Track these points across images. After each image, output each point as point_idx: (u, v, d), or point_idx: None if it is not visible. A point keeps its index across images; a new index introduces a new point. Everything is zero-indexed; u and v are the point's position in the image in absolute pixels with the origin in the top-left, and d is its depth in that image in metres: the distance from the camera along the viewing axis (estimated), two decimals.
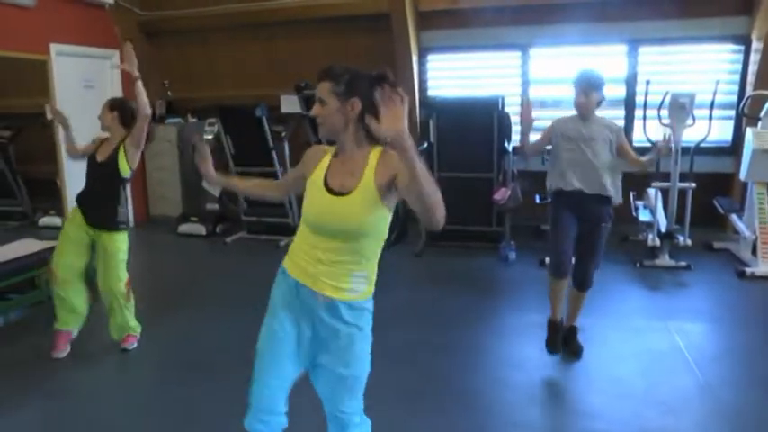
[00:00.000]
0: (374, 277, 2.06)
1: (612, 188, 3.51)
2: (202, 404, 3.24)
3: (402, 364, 3.51)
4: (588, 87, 3.46)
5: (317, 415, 2.15)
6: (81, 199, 3.83)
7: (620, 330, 4.05)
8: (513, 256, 5.69)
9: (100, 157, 3.75)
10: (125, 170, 3.73)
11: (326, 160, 2.03)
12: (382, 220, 1.96)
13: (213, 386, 3.40)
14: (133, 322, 3.99)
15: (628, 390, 3.26)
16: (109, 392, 3.49)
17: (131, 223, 3.83)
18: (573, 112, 3.60)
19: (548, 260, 5.25)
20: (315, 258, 1.98)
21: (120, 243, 3.81)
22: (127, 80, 7.47)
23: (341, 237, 1.93)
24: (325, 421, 2.15)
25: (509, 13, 6.43)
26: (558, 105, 6.23)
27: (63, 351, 3.87)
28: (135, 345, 3.96)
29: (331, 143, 2.06)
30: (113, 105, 3.85)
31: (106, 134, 3.84)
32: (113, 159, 3.70)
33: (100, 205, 3.77)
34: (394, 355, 3.48)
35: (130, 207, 3.90)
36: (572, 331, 3.72)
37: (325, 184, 1.98)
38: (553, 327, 3.65)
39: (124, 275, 3.87)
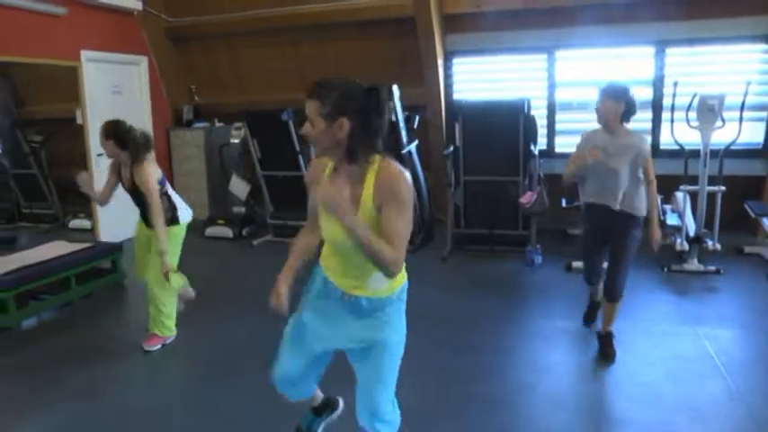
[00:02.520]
0: (400, 276, 2.10)
1: (639, 204, 3.52)
2: (228, 402, 3.28)
3: (427, 367, 3.53)
4: (605, 95, 3.44)
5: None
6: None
7: (648, 335, 4.01)
8: (539, 260, 5.66)
9: (125, 184, 3.90)
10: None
11: (326, 175, 2.06)
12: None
13: (239, 385, 3.45)
14: (168, 323, 4.05)
15: (656, 395, 3.23)
16: (138, 390, 3.55)
17: (182, 220, 3.99)
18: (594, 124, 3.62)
19: (575, 264, 5.28)
20: (338, 262, 2.09)
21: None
22: (155, 85, 7.64)
23: (355, 250, 1.92)
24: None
25: (534, 15, 6.39)
26: (584, 108, 6.17)
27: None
28: (157, 347, 4.01)
29: None
30: (108, 133, 3.82)
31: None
32: (135, 187, 3.84)
33: (146, 213, 3.90)
34: (419, 358, 3.47)
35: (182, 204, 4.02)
36: (606, 337, 3.70)
37: None
38: (590, 304, 4.12)
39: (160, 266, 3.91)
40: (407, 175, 1.92)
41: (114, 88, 7.09)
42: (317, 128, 1.91)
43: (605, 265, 3.74)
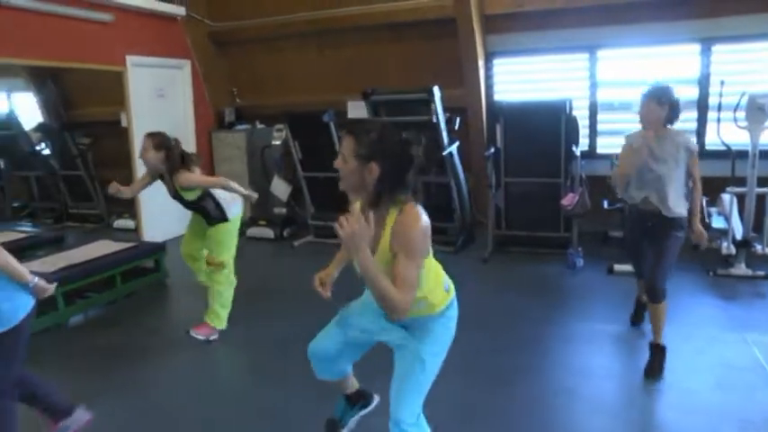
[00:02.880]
0: (435, 299, 2.14)
1: (682, 205, 3.45)
2: (268, 398, 3.34)
3: (466, 368, 3.50)
4: (648, 99, 3.37)
5: None
6: None
7: (694, 341, 3.91)
8: (580, 262, 5.58)
9: (170, 192, 4.07)
10: (189, 196, 4.01)
11: (358, 209, 2.08)
12: None
13: (281, 383, 3.49)
14: (222, 313, 4.17)
15: (702, 404, 3.14)
16: (180, 387, 3.62)
17: (231, 215, 4.16)
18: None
19: (617, 267, 5.18)
20: None
21: (214, 232, 4.15)
22: (198, 88, 7.78)
23: None
24: None
25: (576, 14, 6.29)
26: (627, 108, 6.05)
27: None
28: (201, 339, 4.08)
29: None
30: (160, 144, 3.95)
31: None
32: (178, 194, 4.01)
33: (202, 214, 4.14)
34: (458, 361, 3.44)
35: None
36: (657, 349, 3.50)
37: None
38: (637, 304, 4.12)
39: (218, 258, 4.15)
40: (424, 221, 1.94)
41: (158, 92, 7.24)
42: (349, 166, 1.94)
43: None
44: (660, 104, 3.33)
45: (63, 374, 3.74)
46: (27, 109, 9.32)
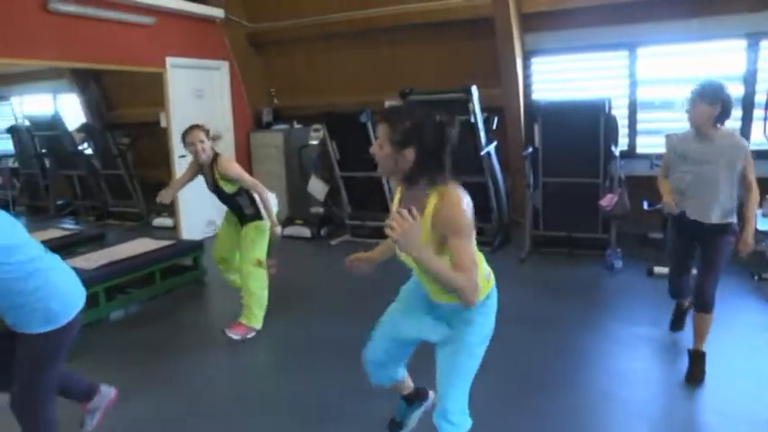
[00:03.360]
0: (484, 284, 2.15)
1: (733, 210, 3.28)
2: (302, 395, 3.36)
3: (503, 369, 3.46)
4: (697, 98, 3.18)
5: None
6: None
7: (738, 346, 3.82)
8: (619, 264, 5.48)
9: (210, 186, 4.14)
10: (230, 188, 4.08)
11: (397, 198, 2.17)
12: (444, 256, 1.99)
13: (317, 381, 3.51)
14: (257, 312, 4.21)
15: (747, 412, 3.05)
16: (217, 382, 3.67)
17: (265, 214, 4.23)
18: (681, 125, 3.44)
19: (657, 269, 5.06)
20: (419, 275, 2.18)
21: (248, 230, 4.21)
22: (236, 89, 7.88)
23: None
24: None
25: (615, 10, 6.17)
26: (668, 107, 5.92)
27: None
28: (237, 338, 4.13)
29: None
30: (207, 133, 4.13)
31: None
32: (217, 185, 4.08)
33: (233, 211, 4.25)
34: (494, 362, 3.41)
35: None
36: (697, 355, 3.40)
37: None
38: (676, 311, 3.96)
39: (251, 258, 4.19)
40: (466, 200, 1.95)
41: (197, 92, 7.35)
42: (384, 152, 1.99)
43: (694, 270, 3.55)
44: (711, 104, 3.14)
45: (105, 367, 3.84)
46: (71, 110, 9.59)
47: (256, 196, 4.15)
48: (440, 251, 1.94)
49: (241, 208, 4.18)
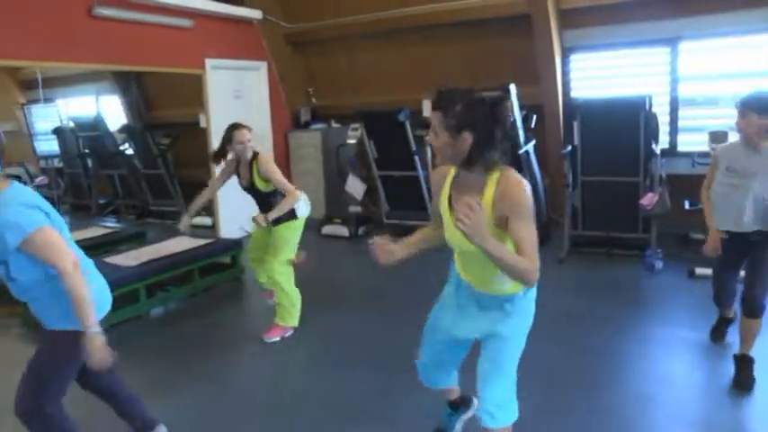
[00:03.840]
0: None
1: None
2: (343, 393, 3.37)
3: (542, 370, 3.43)
4: (747, 109, 3.07)
5: None
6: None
7: None
8: (659, 265, 5.37)
9: (244, 183, 4.17)
10: (267, 187, 4.10)
11: (448, 182, 2.13)
12: (508, 241, 1.97)
13: (355, 380, 3.52)
14: (293, 311, 4.24)
15: None
16: (255, 379, 3.72)
17: (300, 214, 4.22)
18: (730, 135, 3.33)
19: (699, 270, 4.94)
20: (463, 265, 2.21)
21: (282, 229, 4.18)
22: (274, 89, 7.96)
23: (477, 257, 1.98)
24: None
25: (656, 5, 6.04)
26: (713, 104, 5.77)
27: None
28: (276, 340, 4.16)
29: None
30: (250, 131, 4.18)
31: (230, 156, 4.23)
32: (253, 183, 4.11)
33: (265, 211, 4.16)
34: (531, 364, 3.37)
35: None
36: (744, 360, 3.30)
37: (450, 207, 2.08)
38: (719, 319, 3.79)
39: (282, 257, 4.19)
40: (526, 183, 1.96)
41: (235, 93, 7.44)
42: (441, 139, 1.97)
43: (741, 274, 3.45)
44: (762, 115, 3.02)
45: (145, 362, 3.92)
46: (112, 111, 9.81)
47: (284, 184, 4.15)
48: (498, 235, 1.93)
49: (272, 208, 4.15)
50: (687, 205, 5.39)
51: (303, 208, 4.21)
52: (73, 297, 2.15)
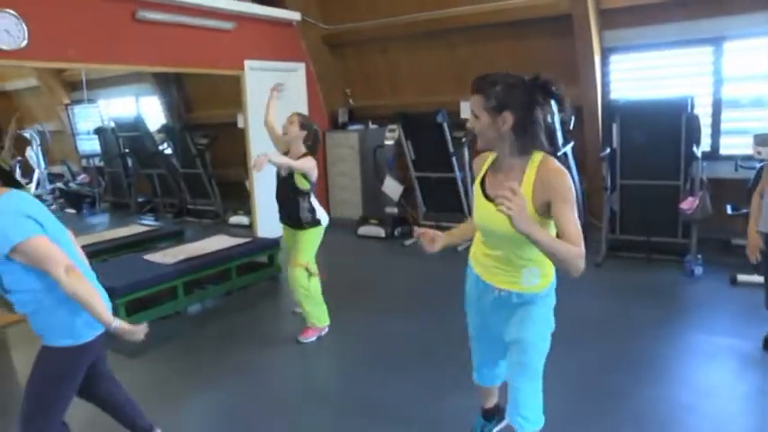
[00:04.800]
0: (550, 271, 2.14)
1: None
2: (376, 393, 3.40)
3: (577, 377, 3.39)
4: None
5: None
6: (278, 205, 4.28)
7: None
8: (699, 271, 5.26)
9: (284, 171, 4.10)
10: (303, 185, 4.06)
11: (486, 166, 2.12)
12: (544, 228, 1.93)
13: (388, 381, 3.54)
14: (318, 314, 4.24)
15: None
16: (290, 378, 3.79)
17: (324, 221, 4.21)
18: None
19: (741, 277, 4.81)
20: (490, 260, 2.15)
21: (306, 234, 4.16)
22: (312, 90, 8.02)
23: (506, 241, 2.00)
24: None
25: (699, 4, 5.89)
26: (759, 106, 5.61)
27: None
28: (312, 339, 4.20)
29: None
30: (304, 125, 4.15)
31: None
32: (291, 176, 4.05)
33: (288, 212, 4.18)
34: (567, 370, 3.35)
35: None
36: None
37: (483, 191, 2.06)
38: None
39: (302, 260, 4.14)
40: (567, 171, 1.94)
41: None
42: (482, 121, 1.97)
43: None
44: None
45: (183, 356, 4.01)
46: (152, 112, 10.01)
47: (314, 199, 4.17)
48: (533, 217, 1.90)
49: (297, 210, 4.11)
50: (729, 210, 5.27)
51: (324, 216, 4.22)
52: (78, 300, 2.12)
